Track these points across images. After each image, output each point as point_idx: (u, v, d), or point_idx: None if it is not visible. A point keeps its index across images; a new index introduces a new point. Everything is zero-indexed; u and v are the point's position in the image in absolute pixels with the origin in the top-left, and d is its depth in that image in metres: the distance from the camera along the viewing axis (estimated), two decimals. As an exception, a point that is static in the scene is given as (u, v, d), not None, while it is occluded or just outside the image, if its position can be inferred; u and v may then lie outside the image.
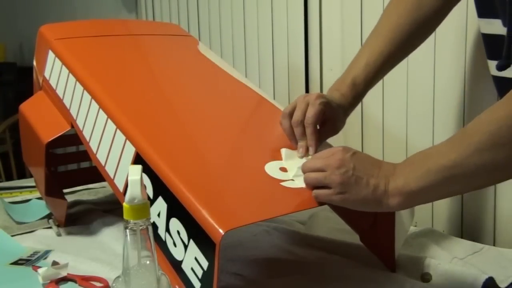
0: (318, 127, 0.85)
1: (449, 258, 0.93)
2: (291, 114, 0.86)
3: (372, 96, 1.26)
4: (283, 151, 0.85)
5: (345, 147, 0.75)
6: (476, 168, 0.65)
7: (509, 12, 0.70)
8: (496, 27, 0.75)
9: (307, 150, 0.84)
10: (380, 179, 0.71)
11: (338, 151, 0.74)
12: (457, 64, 1.12)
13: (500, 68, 0.71)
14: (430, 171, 0.68)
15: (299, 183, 0.78)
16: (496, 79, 0.81)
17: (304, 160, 0.82)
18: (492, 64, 0.82)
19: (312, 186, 0.75)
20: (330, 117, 0.87)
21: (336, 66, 1.38)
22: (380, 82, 1.23)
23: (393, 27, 0.91)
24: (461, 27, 1.09)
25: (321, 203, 0.75)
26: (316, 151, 0.83)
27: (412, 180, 0.69)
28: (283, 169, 0.81)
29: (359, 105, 1.27)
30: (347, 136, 1.32)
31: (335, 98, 0.89)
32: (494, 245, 1.06)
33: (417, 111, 1.20)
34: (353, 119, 0.97)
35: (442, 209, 1.19)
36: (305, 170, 0.77)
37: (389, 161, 0.75)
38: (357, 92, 0.91)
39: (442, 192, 0.71)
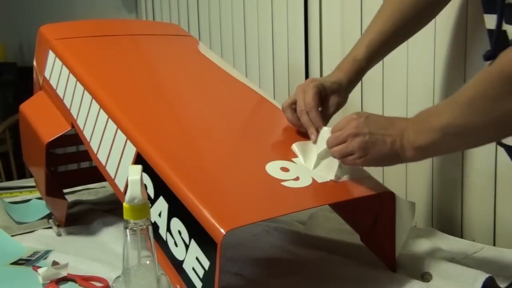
0: (320, 109, 0.90)
1: (449, 258, 0.93)
2: (290, 106, 0.92)
3: (372, 95, 1.27)
4: (295, 147, 0.86)
5: (358, 114, 0.80)
6: (467, 128, 0.71)
7: (500, 5, 0.73)
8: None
9: (318, 133, 0.88)
10: (395, 136, 0.77)
11: (352, 119, 0.80)
12: (458, 63, 1.12)
13: (486, 58, 0.72)
14: (432, 129, 0.74)
15: (323, 169, 0.83)
16: None
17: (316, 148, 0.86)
18: None
19: (339, 157, 0.81)
20: (327, 96, 0.92)
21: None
22: (380, 81, 1.25)
23: (395, 8, 0.94)
24: (462, 26, 1.09)
25: (321, 203, 0.76)
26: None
27: (419, 136, 0.75)
28: (284, 169, 0.81)
29: (359, 103, 1.29)
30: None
31: (332, 76, 0.94)
32: (494, 245, 1.06)
33: (417, 111, 1.20)
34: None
35: (442, 209, 1.19)
36: (329, 145, 0.82)
37: None
38: (359, 68, 0.95)
39: (448, 146, 0.76)
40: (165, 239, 0.76)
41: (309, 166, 0.84)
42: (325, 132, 0.85)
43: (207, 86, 1.07)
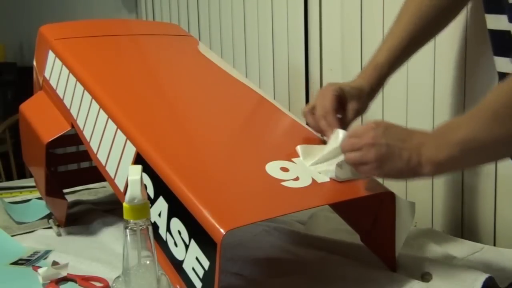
0: (340, 116, 0.89)
1: (449, 258, 0.93)
2: (310, 111, 0.91)
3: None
4: (299, 148, 0.86)
5: (377, 122, 0.78)
6: (488, 142, 0.70)
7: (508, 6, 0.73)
8: (503, 22, 0.75)
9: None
10: (412, 151, 0.74)
11: (371, 128, 0.77)
12: (458, 63, 1.12)
13: None
14: (450, 143, 0.72)
15: (325, 167, 0.82)
16: (503, 76, 0.81)
17: (321, 150, 0.84)
18: (499, 61, 0.82)
19: (353, 164, 0.79)
20: (347, 101, 0.90)
21: (336, 66, 1.38)
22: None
23: (415, 11, 0.93)
24: (462, 25, 1.09)
25: (321, 203, 0.76)
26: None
27: (439, 151, 0.73)
28: (284, 169, 0.81)
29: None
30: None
31: (353, 82, 0.93)
32: (494, 245, 1.06)
33: (417, 111, 1.20)
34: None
35: (442, 209, 1.19)
36: (344, 150, 0.80)
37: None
38: (380, 74, 0.94)
39: (467, 161, 0.75)
40: (165, 239, 0.76)
41: (308, 163, 0.84)
42: (340, 134, 0.84)
43: (207, 86, 1.07)
